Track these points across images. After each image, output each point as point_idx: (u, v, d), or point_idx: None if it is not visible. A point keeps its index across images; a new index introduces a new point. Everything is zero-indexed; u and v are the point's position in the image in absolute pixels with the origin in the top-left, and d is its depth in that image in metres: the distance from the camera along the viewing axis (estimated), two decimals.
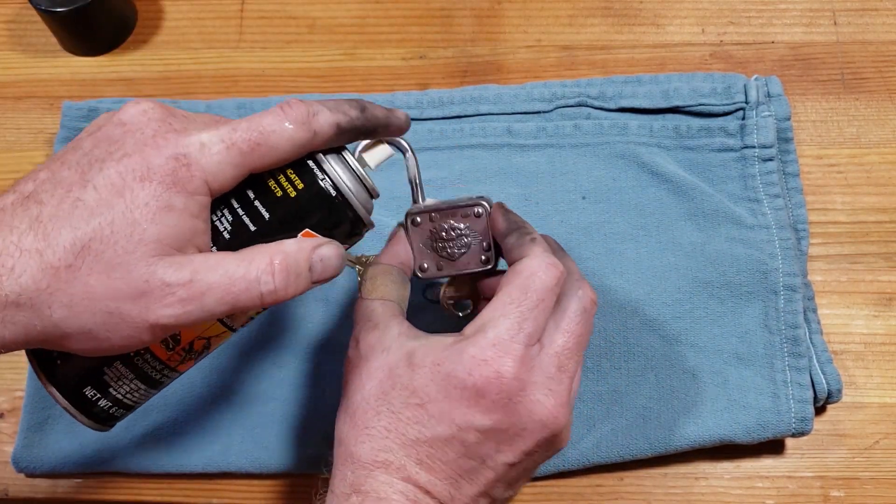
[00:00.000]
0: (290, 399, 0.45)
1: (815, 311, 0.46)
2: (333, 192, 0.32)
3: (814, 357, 0.45)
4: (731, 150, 0.48)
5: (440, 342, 0.33)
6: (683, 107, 0.49)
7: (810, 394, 0.44)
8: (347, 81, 0.53)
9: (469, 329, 0.33)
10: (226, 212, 0.31)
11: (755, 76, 0.50)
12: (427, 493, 0.32)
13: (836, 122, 0.51)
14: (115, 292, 0.28)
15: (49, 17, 0.52)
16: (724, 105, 0.49)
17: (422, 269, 0.38)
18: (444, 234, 0.37)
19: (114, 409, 0.33)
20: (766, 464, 0.45)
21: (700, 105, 0.49)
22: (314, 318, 0.46)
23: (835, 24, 0.54)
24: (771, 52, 0.53)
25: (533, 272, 0.33)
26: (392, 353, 0.33)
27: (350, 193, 0.32)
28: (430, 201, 0.37)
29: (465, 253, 0.37)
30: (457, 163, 0.49)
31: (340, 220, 0.33)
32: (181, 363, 0.33)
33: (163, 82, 0.54)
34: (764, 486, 0.45)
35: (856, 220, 0.49)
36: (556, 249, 0.38)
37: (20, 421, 0.45)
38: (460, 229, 0.38)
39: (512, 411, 0.32)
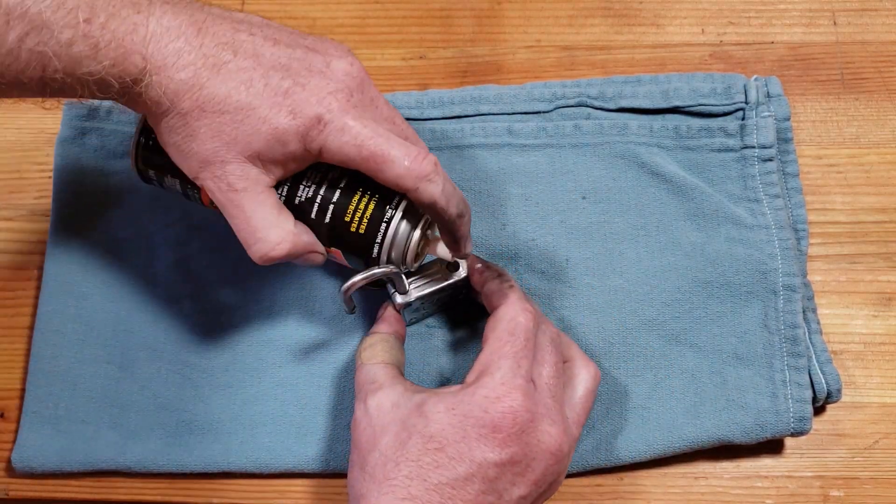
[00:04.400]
0: (290, 399, 0.45)
1: (814, 310, 0.46)
2: (375, 252, 0.38)
3: (813, 357, 0.45)
4: (731, 150, 0.48)
5: (447, 391, 0.36)
6: (683, 107, 0.49)
7: (809, 393, 0.44)
8: None
9: (471, 376, 0.36)
10: (311, 189, 0.38)
11: (755, 76, 0.50)
12: None
13: (835, 122, 0.51)
14: (199, 153, 0.34)
15: None
16: (723, 105, 0.49)
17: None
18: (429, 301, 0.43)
19: (155, 184, 0.42)
20: (765, 463, 0.45)
21: (700, 105, 0.49)
22: (315, 318, 0.46)
23: (834, 24, 0.54)
24: (770, 53, 0.53)
25: (513, 317, 0.37)
26: (402, 407, 0.36)
27: (386, 257, 0.38)
28: (413, 288, 0.41)
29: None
30: (457, 163, 0.49)
31: (367, 260, 0.39)
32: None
33: None
34: (763, 485, 0.45)
35: (855, 220, 0.49)
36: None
37: (20, 421, 0.45)
38: (443, 296, 0.43)
39: (525, 443, 0.34)
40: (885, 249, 0.48)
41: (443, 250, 0.40)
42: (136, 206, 0.49)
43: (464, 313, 0.46)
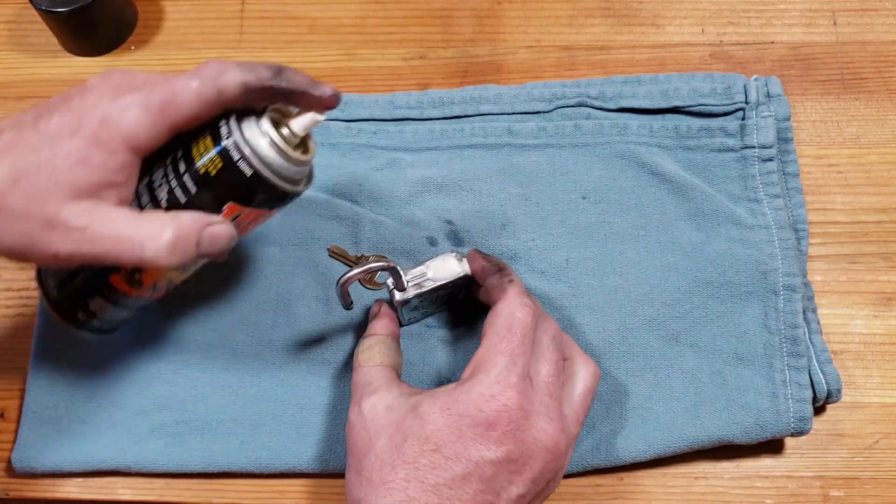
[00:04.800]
0: (290, 399, 0.45)
1: (814, 311, 0.46)
2: (249, 172, 0.34)
3: (813, 357, 0.45)
4: (731, 150, 0.48)
5: (441, 391, 0.36)
6: (683, 107, 0.49)
7: (809, 393, 0.44)
8: (347, 81, 0.53)
9: (466, 373, 0.36)
10: (164, 183, 0.35)
11: (755, 76, 0.50)
12: None
13: (835, 122, 0.51)
14: (30, 220, 0.32)
15: (49, 17, 0.52)
16: (723, 105, 0.49)
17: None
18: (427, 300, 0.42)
19: (105, 325, 0.40)
20: (765, 463, 0.45)
21: (700, 105, 0.49)
22: (315, 317, 0.46)
23: (834, 24, 0.54)
24: (770, 53, 0.53)
25: (511, 312, 0.37)
26: (396, 410, 0.36)
27: (263, 168, 0.34)
28: (411, 286, 0.41)
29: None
30: (457, 163, 0.49)
31: (258, 192, 0.35)
32: (151, 296, 0.39)
33: None
34: (763, 485, 0.45)
35: (855, 220, 0.49)
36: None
37: (20, 421, 0.45)
38: (441, 294, 0.42)
39: (521, 440, 0.34)
40: (885, 249, 0.48)
41: (308, 117, 0.35)
42: None
43: (463, 312, 0.46)
